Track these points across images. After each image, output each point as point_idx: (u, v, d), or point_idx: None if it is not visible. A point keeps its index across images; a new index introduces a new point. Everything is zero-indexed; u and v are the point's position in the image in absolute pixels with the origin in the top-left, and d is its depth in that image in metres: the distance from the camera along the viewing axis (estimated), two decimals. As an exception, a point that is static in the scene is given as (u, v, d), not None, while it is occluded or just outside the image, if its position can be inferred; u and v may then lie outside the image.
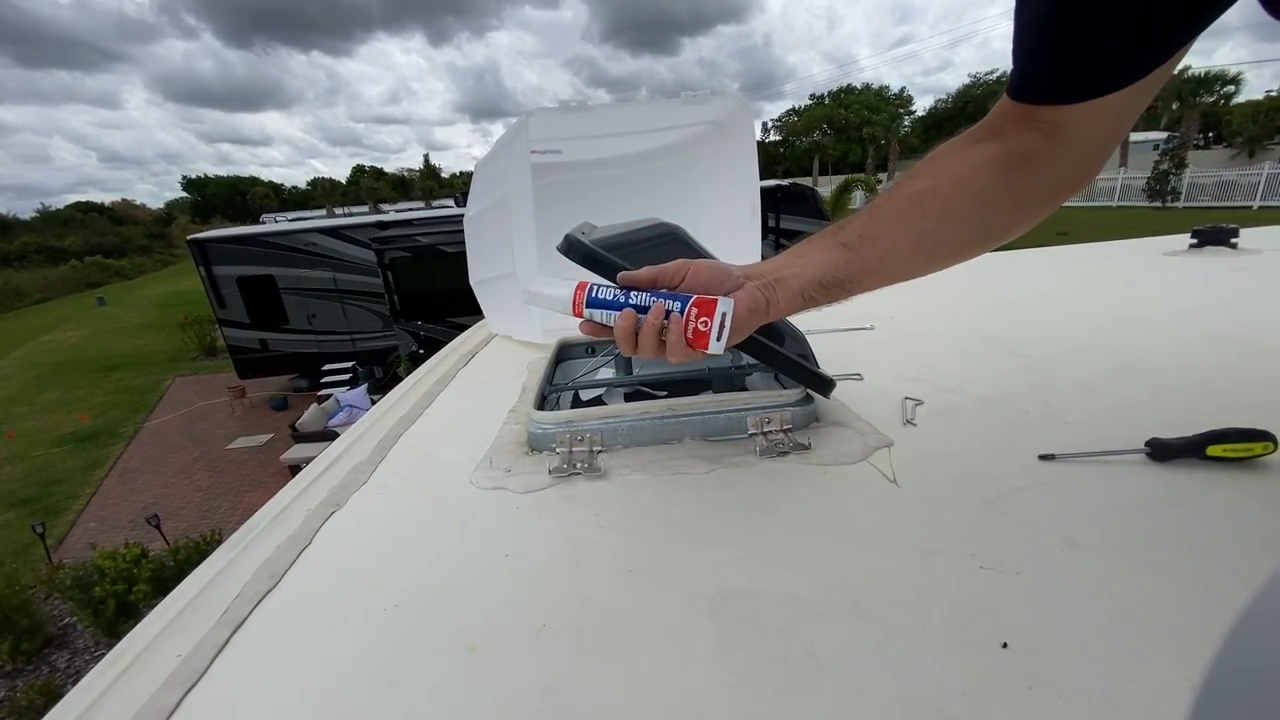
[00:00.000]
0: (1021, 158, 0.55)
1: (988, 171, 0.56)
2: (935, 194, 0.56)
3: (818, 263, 0.56)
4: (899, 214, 0.57)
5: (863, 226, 0.57)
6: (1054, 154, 0.54)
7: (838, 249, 0.56)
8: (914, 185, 0.57)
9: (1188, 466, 0.64)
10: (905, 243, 0.57)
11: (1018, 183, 0.56)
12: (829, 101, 50.76)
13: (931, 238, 0.57)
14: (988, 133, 0.57)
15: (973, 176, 0.56)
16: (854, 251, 0.56)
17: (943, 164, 0.58)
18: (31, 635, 4.24)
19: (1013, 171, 0.55)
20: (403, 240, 8.10)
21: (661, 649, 0.47)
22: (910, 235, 0.57)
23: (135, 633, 0.57)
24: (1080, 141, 0.54)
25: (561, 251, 0.68)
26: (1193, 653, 0.42)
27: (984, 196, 0.56)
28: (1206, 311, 1.25)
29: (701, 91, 1.32)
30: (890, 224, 0.57)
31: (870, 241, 0.56)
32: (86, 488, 7.23)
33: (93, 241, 40.94)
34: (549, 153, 1.27)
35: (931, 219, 0.56)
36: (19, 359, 14.57)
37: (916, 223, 0.56)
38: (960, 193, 0.56)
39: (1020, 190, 0.56)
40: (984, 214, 0.57)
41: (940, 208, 0.56)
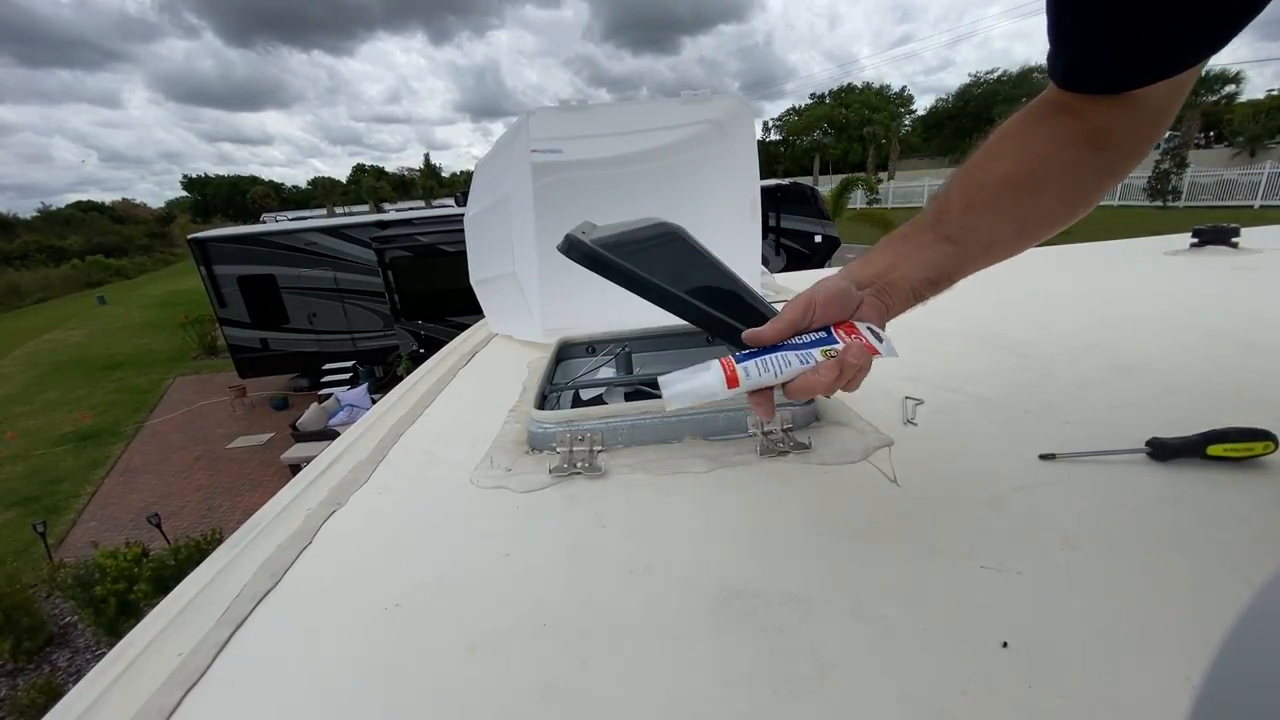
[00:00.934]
0: (1103, 132, 0.54)
1: (1073, 148, 0.55)
2: (1028, 175, 0.56)
3: (924, 262, 0.56)
4: (995, 199, 0.56)
5: (961, 217, 0.56)
6: (1131, 124, 0.54)
7: (942, 244, 0.56)
8: (1000, 168, 0.57)
9: (1188, 466, 0.64)
10: (1008, 228, 0.57)
11: (1101, 155, 0.55)
12: (829, 101, 50.74)
13: (1032, 219, 0.57)
14: (1058, 109, 0.56)
15: (1060, 153, 0.55)
16: (959, 245, 0.56)
17: (1022, 144, 0.57)
18: (33, 634, 4.25)
19: (1096, 145, 0.54)
20: (403, 240, 8.10)
21: (661, 649, 0.47)
22: (1012, 220, 0.57)
23: (136, 632, 0.57)
24: (1151, 108, 0.53)
25: (561, 251, 0.68)
26: (1193, 653, 0.42)
27: (1073, 171, 0.56)
28: (1207, 311, 1.25)
29: (702, 91, 1.32)
30: (989, 211, 0.56)
31: (973, 232, 0.56)
32: (87, 487, 7.23)
33: (93, 241, 40.98)
34: (549, 152, 1.27)
35: (1028, 202, 0.56)
36: (20, 358, 14.58)
37: (1015, 207, 0.56)
38: (1051, 171, 0.56)
39: (1104, 161, 0.56)
40: (1075, 188, 0.57)
41: (1035, 187, 0.56)
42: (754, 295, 0.77)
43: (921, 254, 0.56)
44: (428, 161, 78.50)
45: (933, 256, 0.56)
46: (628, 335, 1.20)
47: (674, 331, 1.18)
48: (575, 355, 1.21)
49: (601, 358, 1.21)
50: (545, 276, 1.21)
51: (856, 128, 46.55)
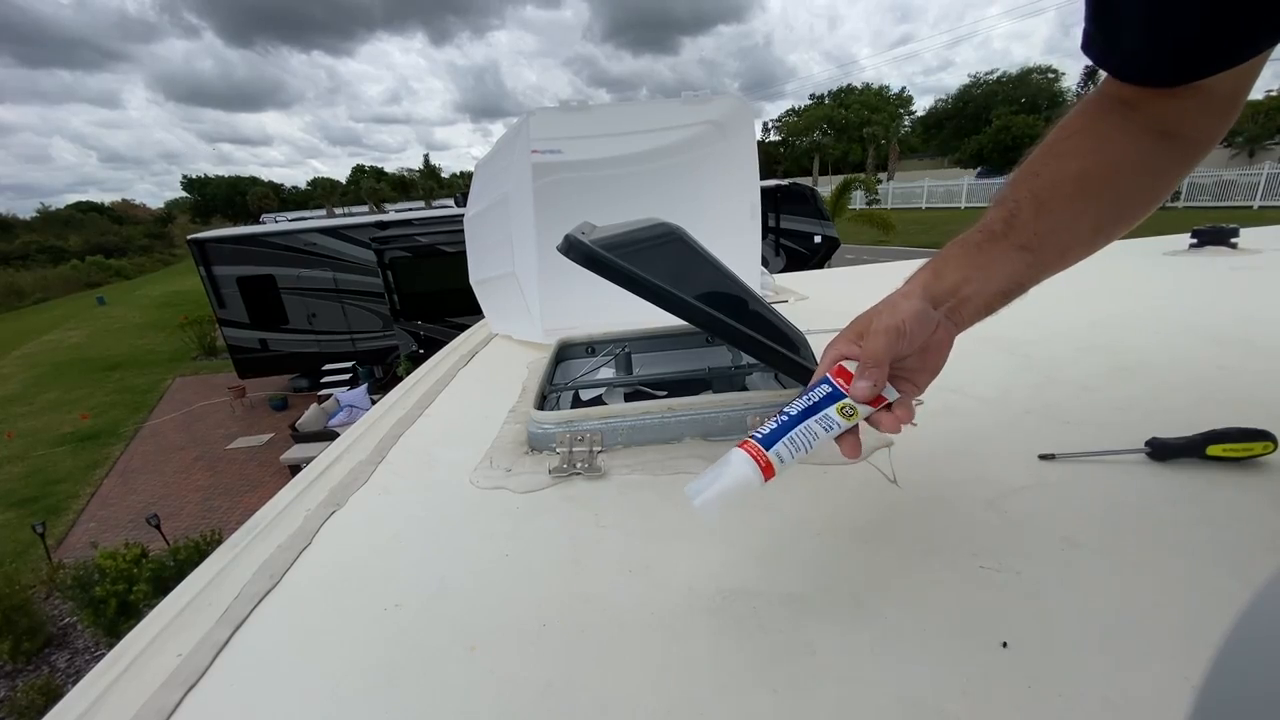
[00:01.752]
0: (1172, 123, 0.52)
1: (1146, 140, 0.53)
2: (1101, 172, 0.53)
3: (1001, 275, 0.53)
4: (1069, 201, 0.53)
5: (1034, 222, 0.53)
6: (1200, 114, 0.52)
7: (1017, 253, 0.53)
8: (1070, 166, 0.54)
9: (1188, 466, 0.64)
10: (1084, 231, 0.54)
11: (1174, 146, 0.53)
12: (829, 101, 50.78)
13: (1108, 218, 0.55)
14: (1121, 103, 0.53)
15: (1133, 147, 0.53)
16: (1036, 253, 0.53)
17: (1091, 140, 0.54)
18: (32, 635, 4.24)
19: (1166, 138, 0.52)
20: (403, 240, 8.10)
21: (661, 648, 0.47)
22: (1087, 221, 0.54)
23: (135, 632, 0.57)
24: (1220, 96, 0.51)
25: (561, 252, 0.68)
26: (1193, 653, 0.42)
27: (1147, 165, 0.54)
28: (1206, 311, 1.25)
29: (702, 91, 1.33)
30: (1064, 214, 0.53)
31: (1050, 235, 0.53)
32: (86, 487, 7.23)
33: (93, 241, 40.97)
34: (549, 152, 1.27)
35: (1105, 200, 0.54)
36: (19, 359, 14.57)
37: (1091, 205, 0.53)
38: (1124, 166, 0.53)
39: (1177, 151, 0.54)
40: (1151, 182, 0.55)
41: (1110, 184, 0.53)
42: (753, 296, 0.78)
43: (997, 266, 0.53)
44: (427, 162, 78.54)
45: (1010, 268, 0.53)
46: (627, 335, 1.20)
47: (674, 332, 1.18)
48: (575, 355, 1.21)
49: (601, 358, 1.21)
50: (545, 277, 1.21)
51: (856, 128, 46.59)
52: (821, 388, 0.51)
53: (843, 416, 0.50)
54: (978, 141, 32.86)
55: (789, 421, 0.49)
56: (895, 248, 17.16)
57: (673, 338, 1.20)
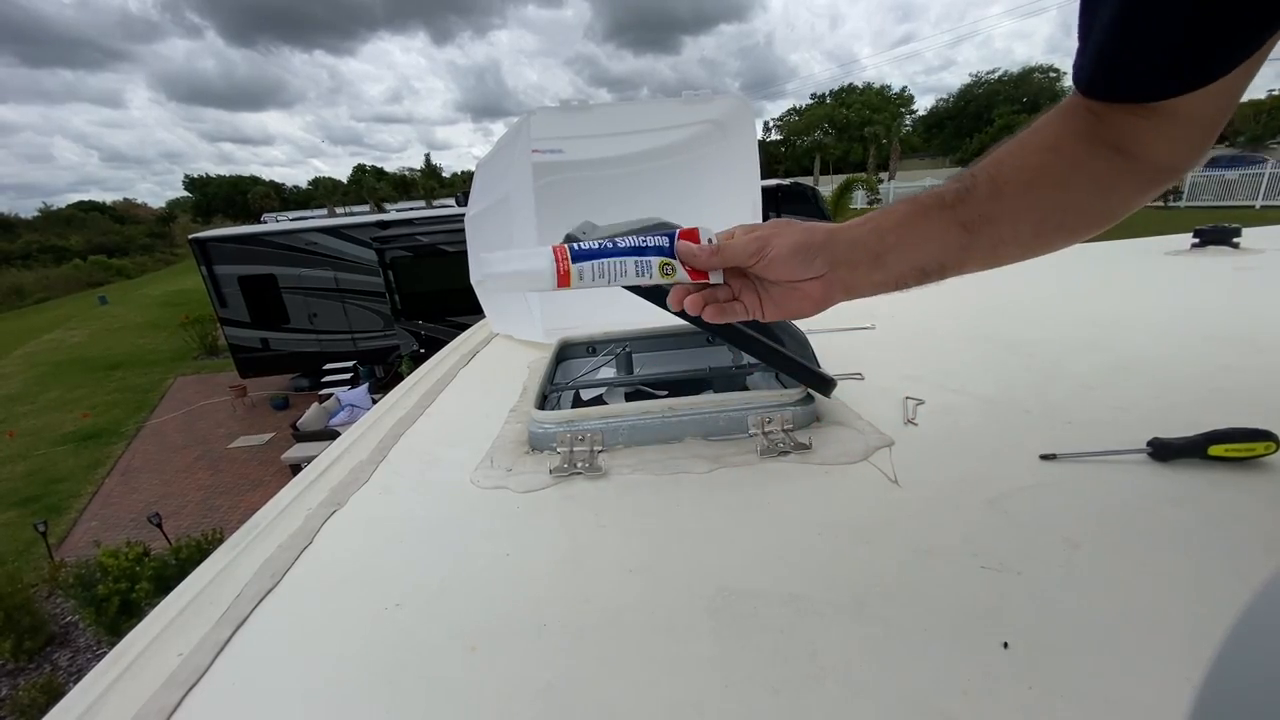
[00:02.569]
0: (1128, 141, 0.50)
1: (1101, 154, 0.51)
2: (1053, 176, 0.51)
3: (929, 248, 0.51)
4: (1020, 192, 0.51)
5: (985, 204, 0.51)
6: (1162, 138, 0.49)
7: (955, 229, 0.51)
8: (1030, 161, 0.52)
9: (1189, 466, 0.64)
10: (1024, 230, 0.53)
11: (1128, 166, 0.51)
12: (830, 101, 50.73)
13: (1050, 223, 0.53)
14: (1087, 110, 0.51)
15: (1086, 154, 0.51)
16: (972, 234, 0.51)
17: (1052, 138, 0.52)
18: (34, 634, 4.25)
19: (1122, 155, 0.50)
20: (404, 240, 8.10)
21: (662, 648, 0.47)
22: (1031, 217, 0.52)
23: (137, 631, 0.57)
24: (1186, 120, 0.48)
25: (562, 251, 0.68)
26: (1193, 653, 0.41)
27: (1098, 180, 0.51)
28: (1208, 311, 1.24)
29: (703, 91, 1.32)
30: (1015, 201, 0.52)
31: (991, 223, 0.51)
32: (88, 486, 7.24)
33: (95, 241, 41.02)
34: (550, 152, 1.27)
35: (1050, 204, 0.52)
36: (21, 358, 14.60)
37: (1038, 203, 0.52)
38: (1077, 176, 0.51)
39: (1130, 172, 0.51)
40: (1100, 196, 0.53)
41: (1058, 190, 0.52)
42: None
43: (929, 240, 0.51)
44: (428, 161, 78.56)
45: (941, 245, 0.51)
46: (628, 335, 1.20)
47: (674, 332, 1.18)
48: (575, 355, 1.21)
49: (602, 358, 1.21)
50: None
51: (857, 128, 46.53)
52: (660, 238, 0.50)
53: (660, 272, 0.50)
54: (979, 141, 32.83)
55: (611, 250, 0.49)
56: (896, 247, 17.09)
57: (673, 338, 1.20)
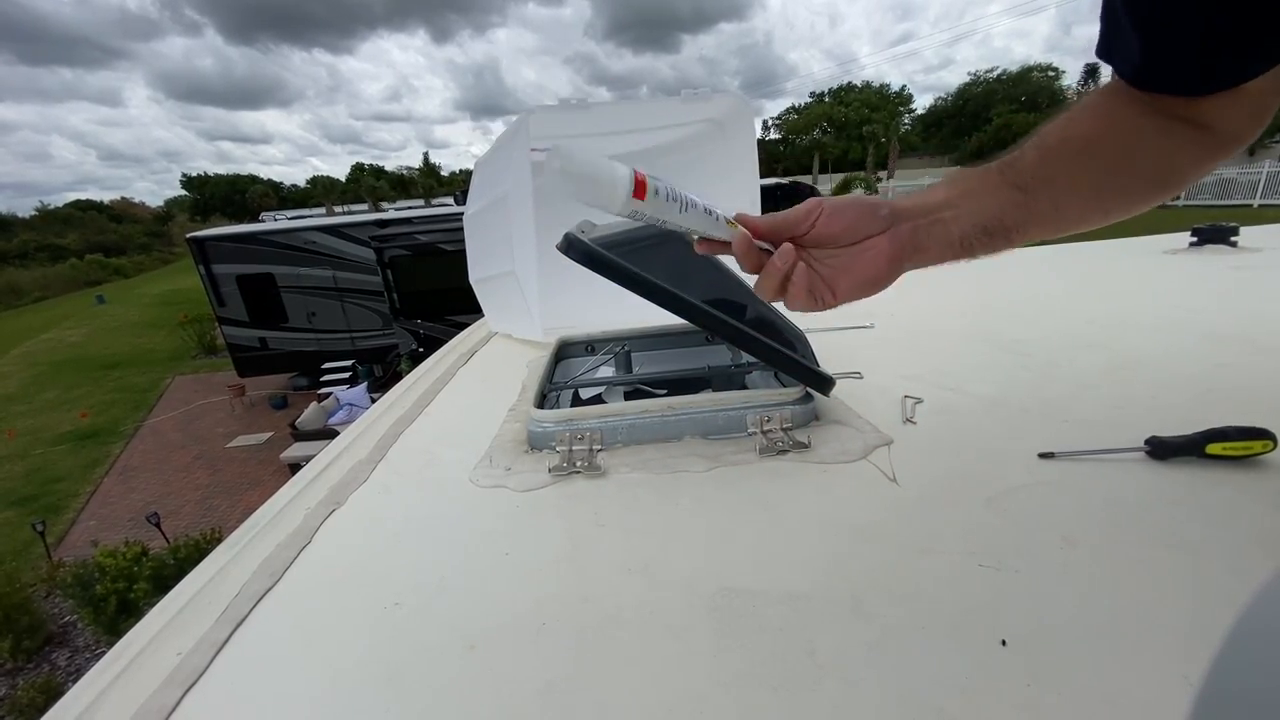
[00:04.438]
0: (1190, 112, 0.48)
1: (1162, 120, 0.49)
2: (1113, 137, 0.50)
3: (986, 205, 0.50)
4: (1074, 156, 0.50)
5: (1036, 166, 0.50)
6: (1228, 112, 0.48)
7: (1009, 190, 0.50)
8: (1081, 129, 0.51)
9: (1187, 465, 0.64)
10: (1083, 187, 0.51)
11: (1192, 131, 0.49)
12: (829, 99, 50.72)
13: (1111, 185, 0.52)
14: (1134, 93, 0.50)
15: (1151, 122, 0.49)
16: (1028, 194, 0.50)
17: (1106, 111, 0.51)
18: (32, 633, 4.25)
19: (1182, 121, 0.49)
20: (402, 238, 8.09)
21: (661, 647, 0.47)
22: (1087, 180, 0.51)
23: (135, 631, 0.57)
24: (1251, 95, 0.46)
25: (561, 250, 0.68)
26: (1191, 651, 0.42)
27: (1166, 141, 0.50)
28: (1206, 310, 1.25)
29: (702, 89, 1.32)
30: (1067, 166, 0.50)
31: (1047, 183, 0.50)
32: (86, 486, 7.22)
33: (92, 240, 40.91)
34: (549, 151, 1.27)
35: (1112, 164, 0.50)
36: (18, 357, 14.56)
37: (1096, 165, 0.50)
38: (1142, 137, 0.50)
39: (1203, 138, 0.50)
40: (1166, 160, 0.51)
41: (1121, 152, 0.50)
42: (753, 294, 0.77)
43: (984, 197, 0.50)
44: (427, 160, 78.43)
45: (997, 202, 0.50)
46: (627, 334, 1.20)
47: (673, 330, 1.18)
48: (574, 354, 1.21)
49: (601, 357, 1.21)
50: (545, 275, 1.21)
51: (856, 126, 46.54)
52: None
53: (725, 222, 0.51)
54: (978, 140, 32.84)
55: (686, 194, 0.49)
56: (895, 246, 17.10)
57: (672, 336, 1.20)
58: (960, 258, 0.52)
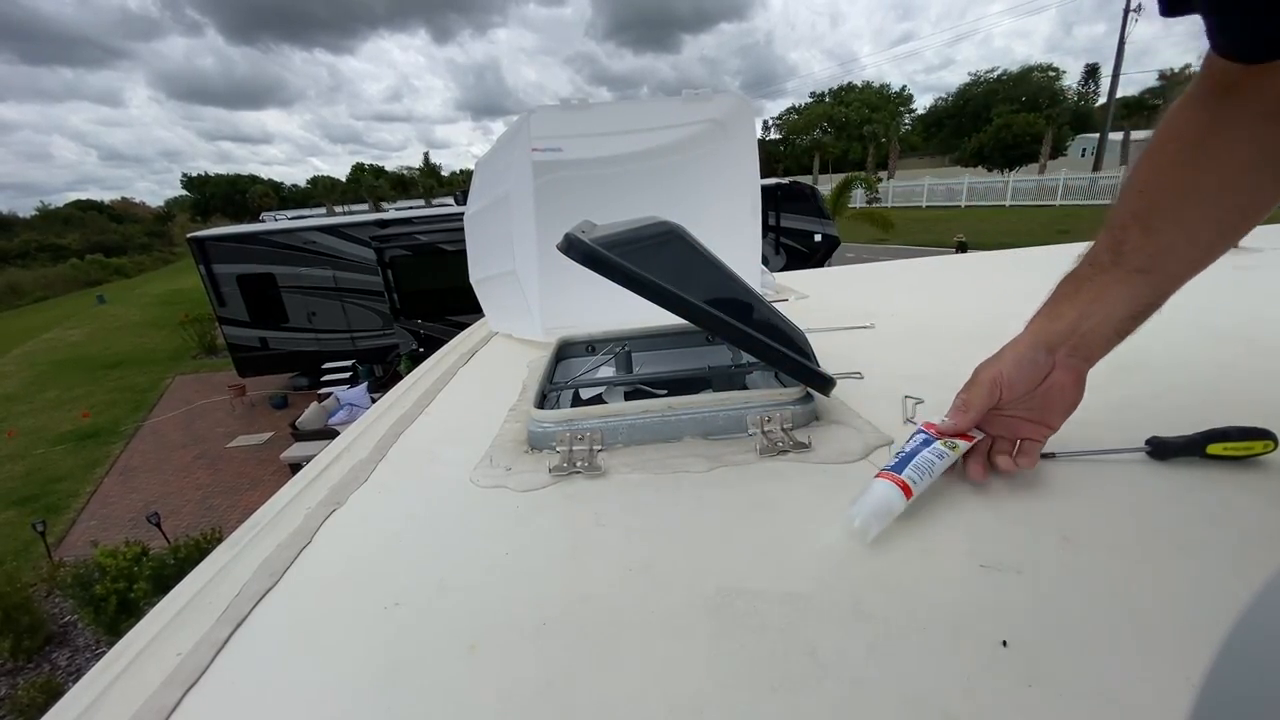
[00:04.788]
0: None
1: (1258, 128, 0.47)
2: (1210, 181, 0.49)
3: (1119, 302, 0.51)
4: (1178, 215, 0.49)
5: (1144, 244, 0.50)
6: None
7: (1135, 277, 0.51)
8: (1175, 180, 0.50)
9: (1188, 465, 0.64)
10: (1205, 236, 0.51)
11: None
12: (829, 99, 50.71)
13: (1230, 222, 0.51)
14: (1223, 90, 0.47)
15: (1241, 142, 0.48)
16: (1154, 274, 0.51)
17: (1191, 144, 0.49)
18: (32, 633, 4.25)
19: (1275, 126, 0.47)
20: (403, 239, 8.10)
21: (661, 647, 0.47)
22: (1207, 230, 0.51)
23: (136, 631, 0.57)
24: None
25: (561, 250, 0.68)
26: (1192, 651, 0.42)
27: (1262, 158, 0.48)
28: (1207, 310, 1.24)
29: (703, 89, 1.32)
30: (1178, 224, 0.50)
31: (1166, 254, 0.50)
32: (87, 486, 7.23)
33: (93, 240, 40.93)
34: (550, 151, 1.27)
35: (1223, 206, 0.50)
36: (19, 357, 14.57)
37: (1209, 215, 0.50)
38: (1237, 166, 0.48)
39: None
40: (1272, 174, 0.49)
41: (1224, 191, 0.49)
42: (753, 294, 0.78)
43: (1114, 295, 0.51)
44: (427, 160, 78.45)
45: (1129, 294, 0.51)
46: (628, 334, 1.20)
47: (674, 331, 1.18)
48: (575, 354, 1.21)
49: (601, 357, 1.21)
50: (545, 275, 1.21)
51: (856, 126, 46.54)
52: (918, 435, 0.62)
53: (946, 447, 0.60)
54: (978, 140, 32.83)
55: (906, 456, 0.59)
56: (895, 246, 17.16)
57: (673, 336, 1.20)
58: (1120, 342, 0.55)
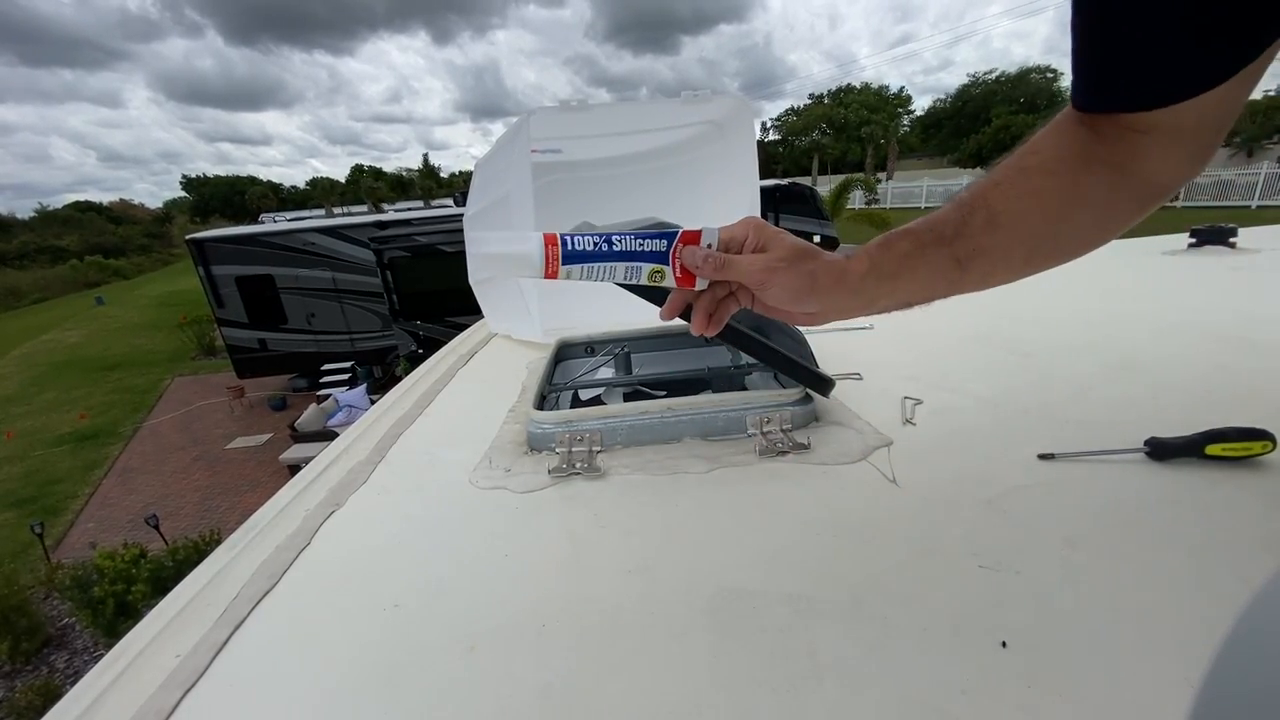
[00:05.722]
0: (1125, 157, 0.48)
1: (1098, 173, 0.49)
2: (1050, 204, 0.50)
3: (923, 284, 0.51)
4: (1018, 220, 0.50)
5: (980, 237, 0.50)
6: (1161, 149, 0.47)
7: (949, 265, 0.51)
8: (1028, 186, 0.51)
9: (1187, 466, 0.64)
10: (1019, 255, 0.52)
11: (1125, 184, 0.49)
12: (828, 101, 50.78)
13: (1043, 252, 0.53)
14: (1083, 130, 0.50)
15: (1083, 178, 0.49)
16: (965, 270, 0.51)
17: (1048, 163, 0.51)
18: (30, 635, 4.24)
19: (1120, 172, 0.49)
20: (402, 240, 8.09)
21: (661, 648, 0.47)
22: (1025, 247, 0.52)
23: (134, 633, 0.57)
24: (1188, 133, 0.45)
25: (561, 251, 0.68)
26: (1191, 652, 0.42)
27: (1094, 201, 0.50)
28: (1205, 311, 1.25)
29: (702, 91, 1.32)
30: (1008, 234, 0.51)
31: (984, 256, 0.51)
32: (85, 487, 7.22)
33: (91, 241, 40.88)
34: (549, 152, 1.27)
35: (1047, 234, 0.51)
36: (17, 359, 14.55)
37: (1033, 234, 0.51)
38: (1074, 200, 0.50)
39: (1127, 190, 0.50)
40: (1094, 220, 0.51)
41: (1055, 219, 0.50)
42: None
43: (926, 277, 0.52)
44: (426, 161, 78.44)
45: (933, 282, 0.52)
46: (627, 335, 1.20)
47: (673, 332, 1.18)
48: (574, 355, 1.21)
49: (600, 358, 1.21)
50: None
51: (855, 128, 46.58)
52: (658, 240, 0.49)
53: (649, 278, 0.49)
54: (976, 141, 32.89)
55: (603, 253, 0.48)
56: (894, 247, 17.10)
57: (672, 338, 1.20)
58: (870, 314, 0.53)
